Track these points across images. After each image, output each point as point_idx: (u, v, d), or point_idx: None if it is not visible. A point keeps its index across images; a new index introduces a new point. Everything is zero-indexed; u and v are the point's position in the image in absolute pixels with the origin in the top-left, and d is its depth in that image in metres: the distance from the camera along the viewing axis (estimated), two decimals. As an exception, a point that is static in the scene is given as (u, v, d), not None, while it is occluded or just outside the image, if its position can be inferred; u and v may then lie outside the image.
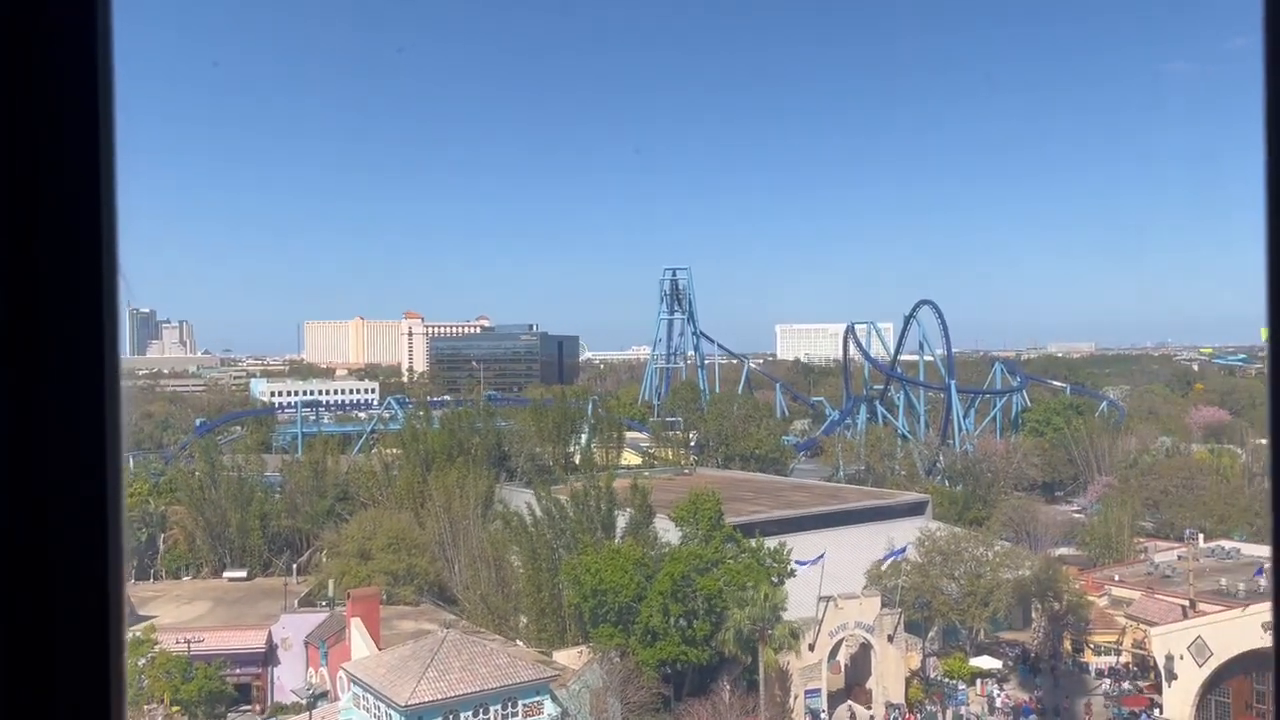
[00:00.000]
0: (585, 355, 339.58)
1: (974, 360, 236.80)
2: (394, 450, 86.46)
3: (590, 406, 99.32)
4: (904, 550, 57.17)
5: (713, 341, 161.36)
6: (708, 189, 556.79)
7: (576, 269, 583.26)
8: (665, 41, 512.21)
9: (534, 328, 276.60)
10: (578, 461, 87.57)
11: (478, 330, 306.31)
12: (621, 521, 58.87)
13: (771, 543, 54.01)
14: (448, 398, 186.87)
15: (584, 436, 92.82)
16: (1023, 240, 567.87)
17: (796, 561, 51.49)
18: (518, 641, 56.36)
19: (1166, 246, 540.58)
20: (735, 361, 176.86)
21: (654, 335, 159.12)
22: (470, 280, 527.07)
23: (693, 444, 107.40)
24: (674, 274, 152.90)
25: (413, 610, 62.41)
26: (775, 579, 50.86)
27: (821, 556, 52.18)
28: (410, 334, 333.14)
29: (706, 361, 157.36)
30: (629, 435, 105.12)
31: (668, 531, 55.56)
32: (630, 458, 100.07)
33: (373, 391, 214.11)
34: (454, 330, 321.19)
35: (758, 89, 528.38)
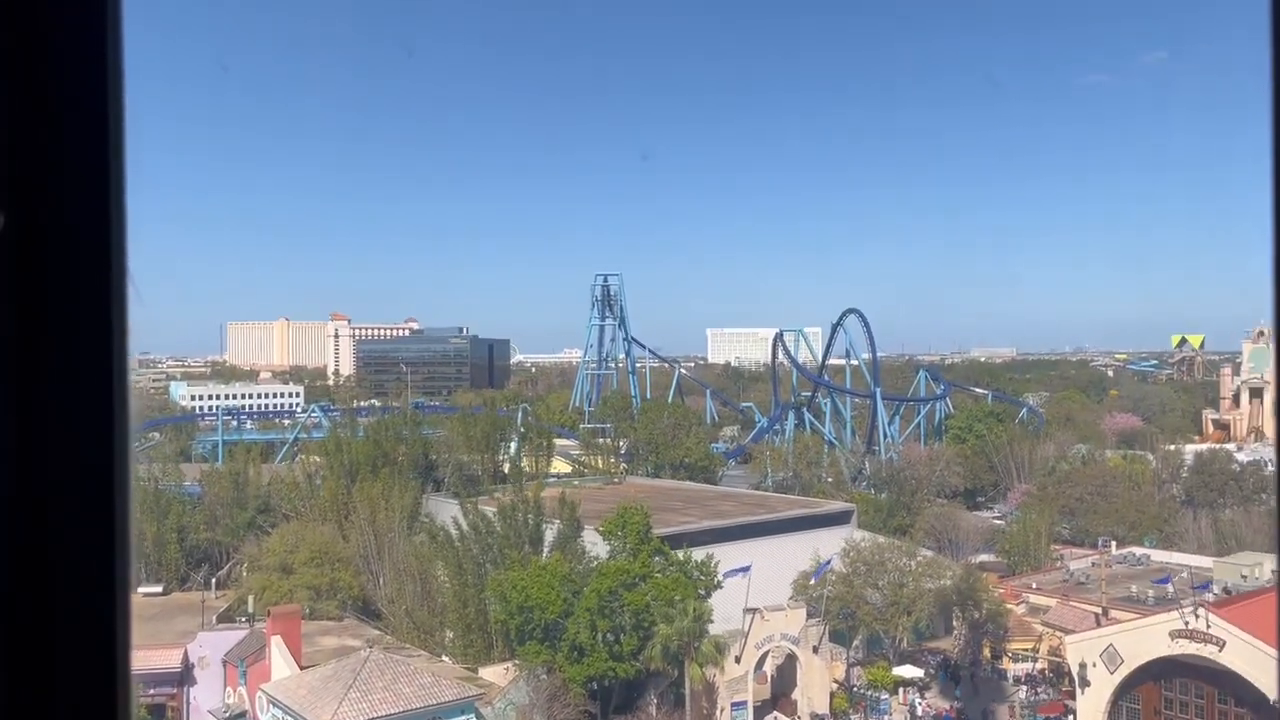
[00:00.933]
0: (516, 358, 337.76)
1: (899, 365, 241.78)
2: (318, 459, 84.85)
3: (520, 415, 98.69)
4: (829, 564, 57.91)
5: (644, 347, 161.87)
6: (639, 191, 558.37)
7: (508, 271, 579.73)
8: (591, 48, 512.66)
9: (464, 331, 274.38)
10: (506, 471, 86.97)
11: (406, 333, 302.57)
12: (550, 534, 58.61)
13: (699, 554, 54.28)
14: (375, 402, 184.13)
15: (513, 445, 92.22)
16: (948, 245, 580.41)
17: (724, 574, 51.79)
18: (444, 657, 55.72)
19: (1084, 254, 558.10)
20: (667, 366, 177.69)
21: (585, 340, 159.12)
22: (399, 282, 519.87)
23: (623, 452, 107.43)
24: (605, 280, 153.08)
25: (336, 626, 61.26)
26: (702, 591, 51.10)
27: (748, 568, 52.58)
28: (337, 336, 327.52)
29: (638, 366, 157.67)
30: (559, 443, 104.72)
31: (595, 545, 55.45)
32: (560, 466, 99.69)
33: (297, 395, 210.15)
34: (382, 333, 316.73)
35: (690, 94, 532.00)
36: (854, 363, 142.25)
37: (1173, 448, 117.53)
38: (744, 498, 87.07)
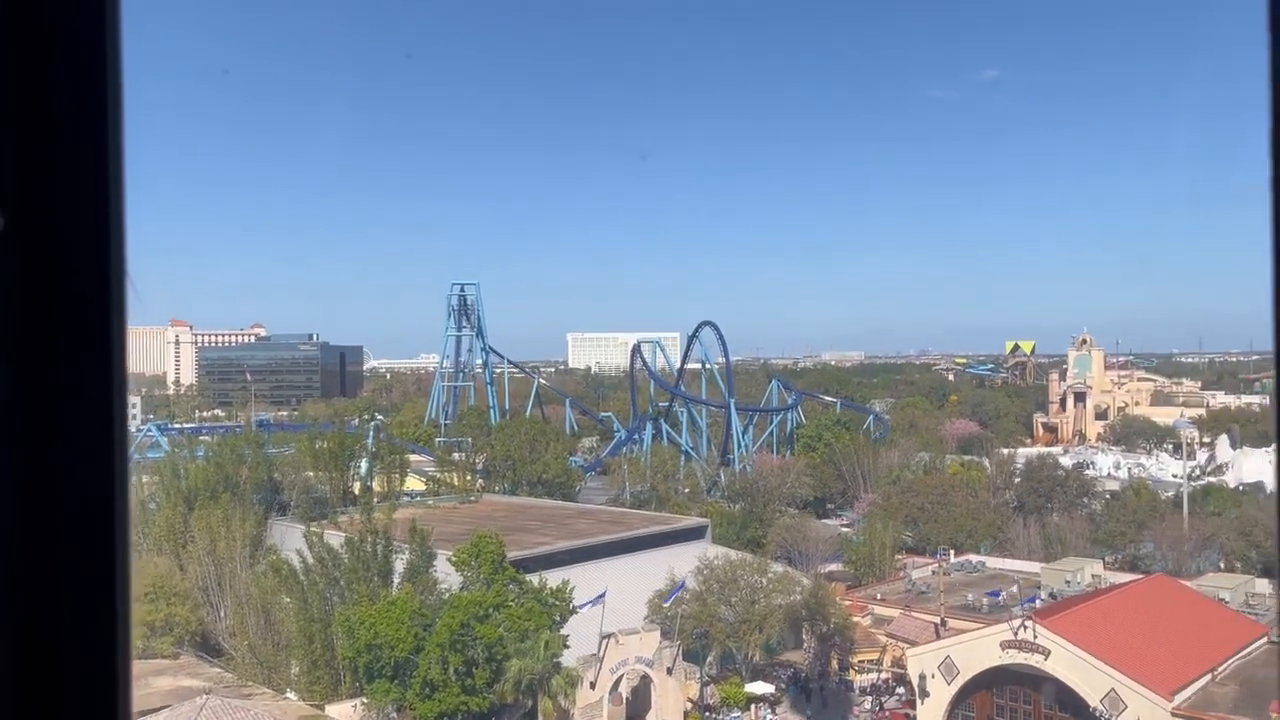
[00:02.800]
0: (370, 364, 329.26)
1: (754, 369, 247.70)
2: (148, 478, 79.73)
3: (372, 432, 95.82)
4: (683, 586, 58.51)
5: (502, 357, 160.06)
6: (499, 191, 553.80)
7: (361, 275, 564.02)
8: (450, 39, 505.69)
9: (314, 337, 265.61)
10: (357, 491, 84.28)
11: (252, 340, 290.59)
12: (401, 563, 57.06)
13: (556, 576, 53.91)
14: (219, 412, 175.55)
15: (364, 464, 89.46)
16: (801, 250, 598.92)
17: (578, 606, 51.62)
18: (289, 694, 53.53)
19: (927, 260, 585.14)
20: (526, 375, 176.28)
21: (442, 351, 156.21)
22: (244, 287, 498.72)
23: (480, 468, 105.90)
24: (462, 289, 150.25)
25: (171, 665, 57.93)
26: (558, 618, 50.73)
27: (602, 595, 52.55)
28: (177, 343, 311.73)
29: (496, 374, 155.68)
30: (413, 459, 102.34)
31: (449, 575, 54.33)
32: (415, 483, 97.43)
33: (134, 406, 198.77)
34: (226, 339, 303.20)
35: (547, 95, 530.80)
36: (710, 367, 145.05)
37: (1006, 452, 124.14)
38: (601, 515, 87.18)
